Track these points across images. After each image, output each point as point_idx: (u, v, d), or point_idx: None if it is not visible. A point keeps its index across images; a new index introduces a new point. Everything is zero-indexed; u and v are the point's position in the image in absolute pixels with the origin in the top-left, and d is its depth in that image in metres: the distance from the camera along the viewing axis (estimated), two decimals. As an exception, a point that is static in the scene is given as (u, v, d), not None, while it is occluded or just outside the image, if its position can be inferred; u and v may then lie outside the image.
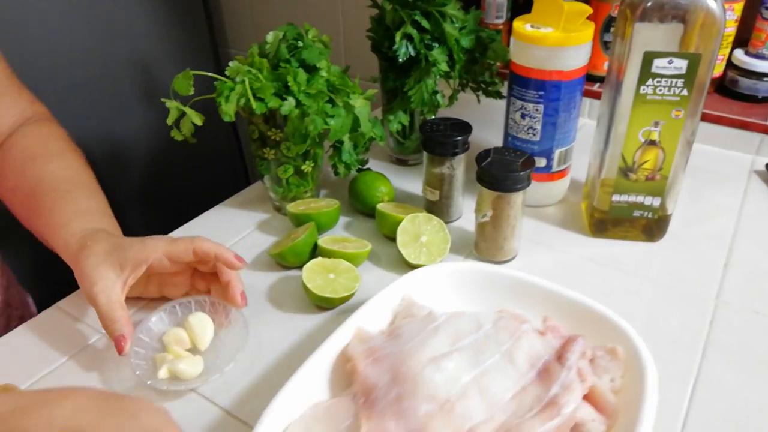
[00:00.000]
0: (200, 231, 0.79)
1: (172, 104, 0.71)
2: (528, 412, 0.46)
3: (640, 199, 0.71)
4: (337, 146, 0.77)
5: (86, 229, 0.60)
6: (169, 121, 0.71)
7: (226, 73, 0.70)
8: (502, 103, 0.79)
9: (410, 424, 0.46)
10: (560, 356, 0.50)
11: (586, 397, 0.49)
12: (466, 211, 0.80)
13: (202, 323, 0.58)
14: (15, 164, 0.67)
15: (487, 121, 0.94)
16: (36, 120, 0.72)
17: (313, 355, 0.51)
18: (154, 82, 1.31)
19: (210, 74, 0.72)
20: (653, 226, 0.73)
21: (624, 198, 0.71)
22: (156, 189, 1.37)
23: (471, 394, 0.47)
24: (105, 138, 1.26)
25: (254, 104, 0.69)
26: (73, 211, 0.62)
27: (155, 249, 0.57)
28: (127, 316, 0.56)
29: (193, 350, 0.57)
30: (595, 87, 0.96)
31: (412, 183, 0.86)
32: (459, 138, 0.72)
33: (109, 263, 0.56)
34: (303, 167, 0.76)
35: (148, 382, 0.52)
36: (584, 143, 0.81)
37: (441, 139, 0.72)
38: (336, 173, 0.81)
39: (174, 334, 0.57)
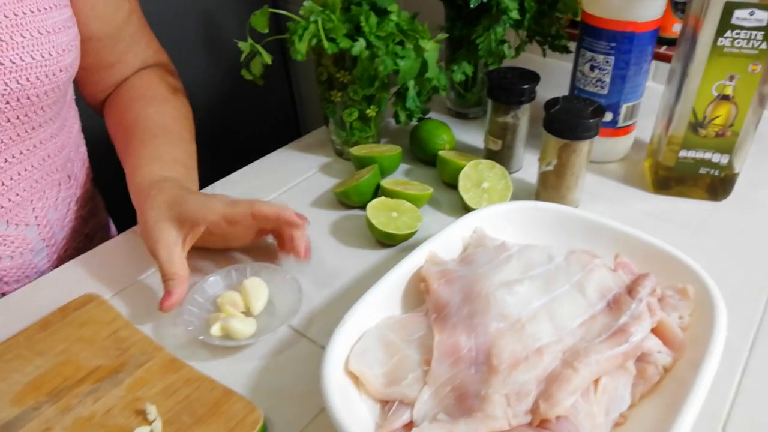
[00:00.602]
0: (264, 172, 0.81)
1: (244, 44, 0.72)
2: (596, 338, 0.47)
3: (707, 155, 0.70)
4: (402, 92, 0.78)
5: (156, 176, 0.59)
6: (243, 58, 0.73)
7: (300, 12, 0.72)
8: (564, 63, 0.79)
9: (480, 338, 0.47)
10: (631, 290, 0.50)
11: (654, 331, 0.49)
12: (527, 164, 0.80)
13: (256, 288, 0.57)
14: (122, 101, 0.69)
15: (550, 82, 0.93)
16: (156, 66, 0.75)
17: (387, 275, 0.53)
18: (215, 31, 1.33)
19: (285, 13, 0.74)
20: (718, 185, 0.72)
21: (691, 154, 0.70)
22: (213, 139, 1.40)
23: (540, 317, 0.48)
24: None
25: (326, 44, 0.70)
26: (150, 155, 0.62)
27: (213, 211, 0.55)
28: (184, 275, 0.55)
29: (246, 313, 0.57)
30: (662, 49, 0.95)
31: (471, 136, 0.87)
32: (526, 86, 0.72)
33: (169, 218, 0.55)
34: (368, 111, 0.77)
35: (201, 337, 0.53)
36: (648, 106, 0.81)
37: (508, 86, 0.72)
38: (397, 121, 0.82)
39: (228, 296, 0.57)
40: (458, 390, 0.45)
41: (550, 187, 0.70)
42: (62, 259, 0.70)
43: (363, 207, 0.72)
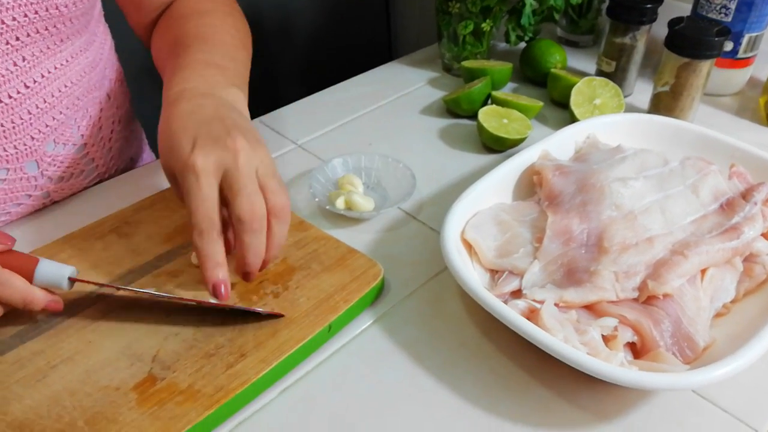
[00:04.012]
0: (373, 81, 0.84)
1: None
2: (707, 234, 0.49)
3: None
4: (518, 9, 0.79)
5: (175, 89, 0.50)
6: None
7: None
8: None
9: (592, 223, 0.49)
10: (745, 195, 0.51)
11: (765, 236, 0.50)
12: (638, 90, 0.80)
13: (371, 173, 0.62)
14: (167, 21, 0.63)
15: (672, 6, 0.91)
16: None
17: (500, 166, 0.56)
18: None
19: None
20: (841, 122, 0.70)
21: (816, 86, 0.69)
22: (310, 59, 1.44)
23: (653, 211, 0.50)
24: (276, 6, 1.33)
25: (451, -47, 0.72)
26: (175, 65, 0.54)
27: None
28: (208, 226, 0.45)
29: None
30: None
31: (581, 63, 0.86)
32: (649, 6, 0.71)
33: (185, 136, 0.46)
34: (483, 25, 0.79)
35: (327, 207, 0.58)
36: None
37: (630, 4, 0.72)
38: (508, 40, 0.83)
39: (348, 178, 0.62)
40: (568, 266, 0.48)
41: (664, 108, 0.70)
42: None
43: (471, 117, 0.74)
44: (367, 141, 0.71)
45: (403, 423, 0.42)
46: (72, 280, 0.45)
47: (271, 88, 1.40)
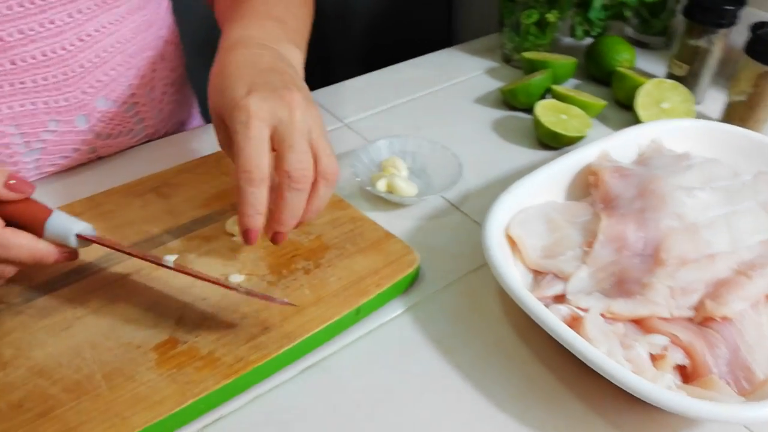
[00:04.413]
0: (432, 66, 0.82)
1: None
2: (777, 258, 0.45)
3: None
4: (586, 1, 0.75)
5: (233, 37, 0.49)
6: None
7: None
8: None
9: (650, 232, 0.46)
10: (823, 219, 0.47)
11: (841, 267, 0.46)
12: (709, 99, 0.75)
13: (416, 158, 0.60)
14: None
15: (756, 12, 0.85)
16: None
17: (554, 161, 0.53)
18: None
19: None
20: None
21: None
22: (367, 40, 1.42)
23: (718, 226, 0.46)
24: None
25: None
26: (233, 17, 0.52)
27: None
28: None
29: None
30: None
31: (650, 66, 0.82)
32: (730, 8, 0.66)
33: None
34: (548, 15, 0.75)
35: (367, 188, 0.56)
36: None
37: (709, 4, 0.67)
38: (573, 34, 0.79)
39: (392, 160, 0.59)
40: (619, 275, 0.45)
41: (738, 119, 0.65)
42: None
43: (528, 110, 0.71)
44: (416, 125, 0.69)
45: (423, 419, 0.40)
46: (81, 238, 0.41)
47: (325, 67, 1.38)
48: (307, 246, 0.49)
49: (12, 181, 0.39)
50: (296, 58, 0.50)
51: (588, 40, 0.80)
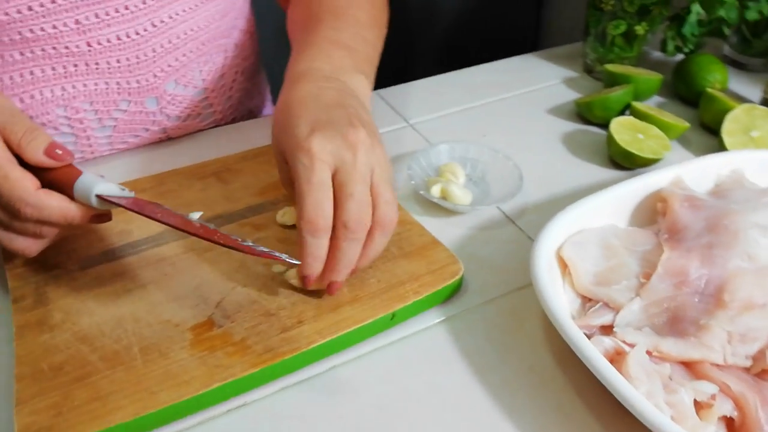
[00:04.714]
0: (507, 72, 0.79)
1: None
2: None
3: None
4: (681, 16, 0.71)
5: (300, 68, 0.48)
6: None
7: None
8: None
9: (715, 270, 0.42)
10: None
11: None
12: (809, 129, 0.68)
13: (476, 166, 0.58)
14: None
15: None
16: None
17: (622, 183, 0.50)
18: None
19: None
20: None
21: None
22: (449, 40, 1.40)
23: (796, 272, 0.42)
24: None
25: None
26: (305, 41, 0.52)
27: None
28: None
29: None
30: None
31: (746, 89, 0.76)
32: None
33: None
34: (637, 27, 0.71)
35: (421, 192, 0.55)
36: None
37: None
38: (664, 49, 0.75)
39: (450, 166, 0.58)
40: (674, 311, 0.42)
41: (838, 155, 0.59)
42: None
43: (603, 126, 0.67)
44: (482, 132, 0.67)
45: (447, 435, 0.39)
46: (100, 199, 0.41)
47: (401, 64, 1.38)
48: (352, 245, 0.49)
49: (58, 151, 0.41)
50: (363, 88, 0.49)
51: (679, 57, 0.75)
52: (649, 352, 0.39)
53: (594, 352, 0.37)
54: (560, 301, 0.41)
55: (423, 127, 0.68)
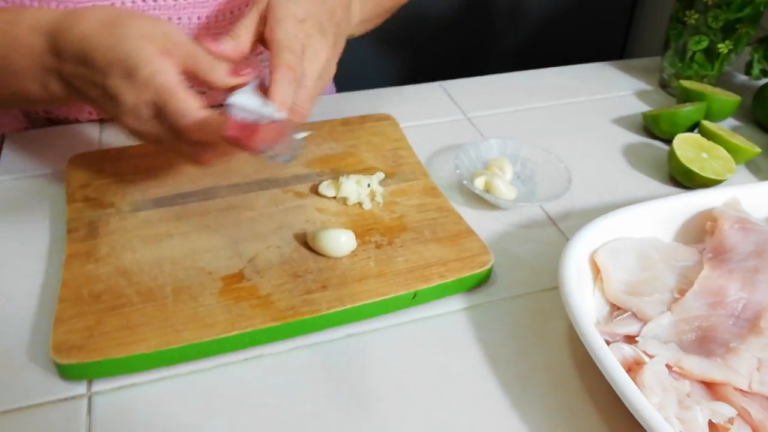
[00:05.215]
0: (577, 77, 0.78)
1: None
2: None
3: None
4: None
5: None
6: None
7: None
8: None
9: (755, 295, 0.40)
10: None
11: None
12: None
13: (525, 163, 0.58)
14: None
15: None
16: None
17: (672, 197, 0.48)
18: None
19: None
20: None
21: None
22: (534, 39, 1.38)
23: None
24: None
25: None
26: None
27: None
28: None
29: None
30: None
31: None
32: None
33: None
34: (720, 45, 0.68)
35: (464, 182, 0.55)
36: None
37: None
38: (748, 72, 0.71)
39: (499, 161, 0.58)
40: (704, 331, 0.40)
41: None
42: None
43: (668, 141, 0.65)
44: (540, 134, 0.66)
45: (447, 416, 0.39)
46: (228, 106, 0.41)
47: (479, 60, 1.37)
48: (387, 223, 0.50)
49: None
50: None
51: (763, 81, 0.71)
52: (669, 367, 0.37)
53: (609, 356, 0.36)
54: (585, 303, 0.40)
55: (479, 121, 0.68)
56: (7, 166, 0.57)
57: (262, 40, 0.46)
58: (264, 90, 0.43)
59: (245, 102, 0.41)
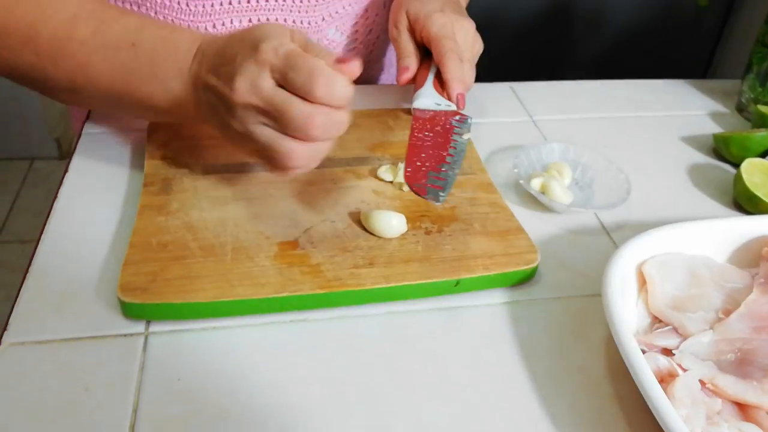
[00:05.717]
0: (651, 92, 0.77)
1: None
2: None
3: None
4: None
5: None
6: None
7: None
8: None
9: (806, 326, 0.39)
10: None
11: None
12: None
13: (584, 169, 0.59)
14: None
15: None
16: None
17: (730, 219, 0.48)
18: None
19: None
20: None
21: None
22: (615, 49, 1.36)
23: None
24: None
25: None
26: None
27: None
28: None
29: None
30: None
31: None
32: None
33: None
34: (806, 73, 0.66)
35: (520, 181, 0.55)
36: None
37: None
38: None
39: (558, 165, 0.58)
40: (745, 354, 0.40)
41: None
42: None
43: (737, 165, 0.63)
44: (604, 143, 0.66)
45: (474, 403, 0.40)
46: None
47: (556, 66, 1.36)
48: (439, 211, 0.51)
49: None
50: None
51: None
52: (703, 383, 0.37)
53: (642, 362, 0.36)
54: (626, 310, 0.41)
55: (544, 125, 0.68)
56: (98, 120, 0.62)
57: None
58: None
59: (425, 105, 0.55)
